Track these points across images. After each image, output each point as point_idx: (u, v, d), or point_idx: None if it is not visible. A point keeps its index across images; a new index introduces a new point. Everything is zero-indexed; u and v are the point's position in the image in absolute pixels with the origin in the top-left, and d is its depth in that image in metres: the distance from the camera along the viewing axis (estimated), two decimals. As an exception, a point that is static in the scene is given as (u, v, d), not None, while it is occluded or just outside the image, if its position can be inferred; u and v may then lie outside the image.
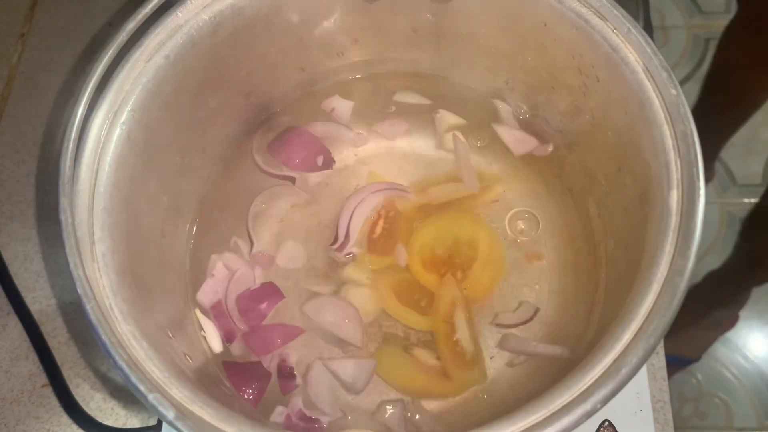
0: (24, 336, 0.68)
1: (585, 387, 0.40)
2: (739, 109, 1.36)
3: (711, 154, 1.53)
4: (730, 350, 1.47)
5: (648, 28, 0.84)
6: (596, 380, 0.40)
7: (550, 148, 0.63)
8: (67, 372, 0.67)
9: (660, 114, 0.47)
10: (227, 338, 0.58)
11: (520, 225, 0.64)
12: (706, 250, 1.53)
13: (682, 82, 1.66)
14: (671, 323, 0.41)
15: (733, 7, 1.68)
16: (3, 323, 0.69)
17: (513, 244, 0.63)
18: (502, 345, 0.59)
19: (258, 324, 0.60)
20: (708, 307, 1.41)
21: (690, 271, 0.42)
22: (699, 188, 0.44)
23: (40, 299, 0.70)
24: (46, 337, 0.68)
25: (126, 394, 0.65)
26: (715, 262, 1.48)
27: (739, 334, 1.48)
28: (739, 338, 1.48)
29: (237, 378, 0.55)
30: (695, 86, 1.62)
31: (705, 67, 1.66)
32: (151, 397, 0.40)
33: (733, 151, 1.55)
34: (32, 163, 0.76)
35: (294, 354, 0.59)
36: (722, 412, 1.41)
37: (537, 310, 0.60)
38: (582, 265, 0.60)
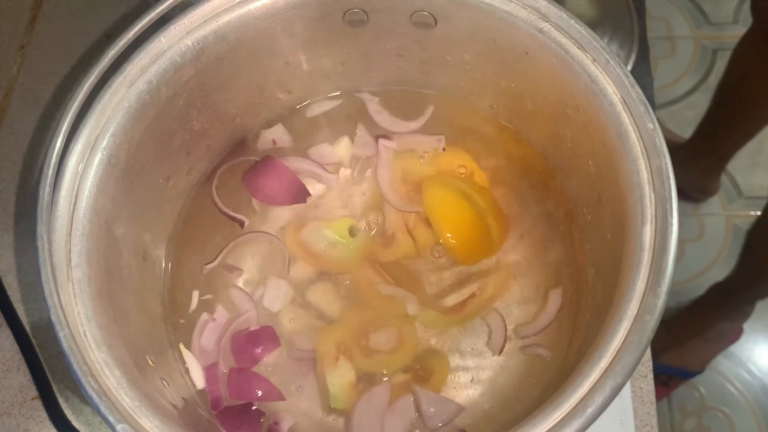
0: (16, 348, 0.69)
1: (551, 425, 0.40)
2: (749, 123, 1.35)
3: (718, 168, 1.52)
4: (733, 364, 1.46)
5: (643, 41, 0.83)
6: (562, 419, 0.40)
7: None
8: (57, 385, 0.67)
9: (636, 147, 0.47)
10: (214, 405, 0.56)
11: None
12: (711, 263, 1.53)
13: (689, 93, 1.65)
14: (639, 362, 0.41)
15: (742, 19, 1.67)
16: (-5, 335, 0.69)
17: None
18: (518, 333, 0.60)
19: (247, 368, 0.58)
20: (712, 320, 1.40)
21: (661, 309, 0.42)
22: (672, 225, 0.44)
23: (32, 311, 0.70)
24: (37, 349, 0.69)
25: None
26: (720, 274, 1.47)
27: (743, 347, 1.47)
28: (742, 352, 1.47)
29: (228, 423, 0.54)
30: (702, 97, 1.62)
31: (712, 78, 1.65)
32: (119, 427, 0.40)
33: (739, 163, 1.54)
34: (27, 174, 0.77)
35: (289, 418, 0.57)
36: (725, 426, 1.40)
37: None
38: (565, 290, 0.60)
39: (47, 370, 0.68)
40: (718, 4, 1.73)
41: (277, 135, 0.66)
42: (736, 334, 1.46)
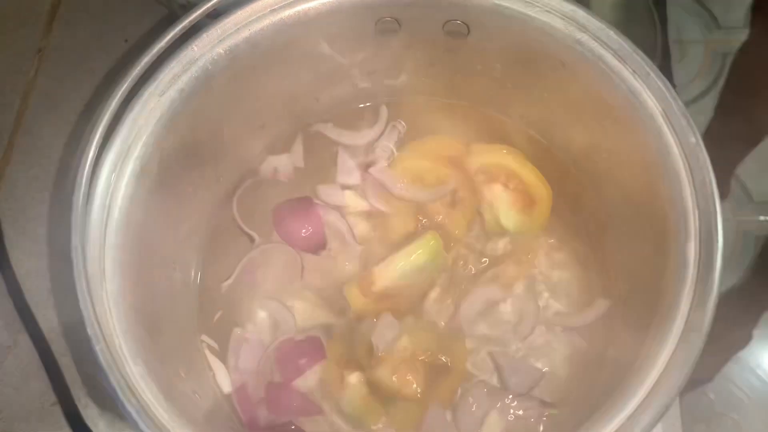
0: (34, 354, 0.68)
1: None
2: (752, 130, 1.35)
3: (726, 171, 1.51)
4: (742, 369, 1.45)
5: (665, 50, 0.83)
6: (609, 438, 0.40)
7: None
8: (76, 392, 0.67)
9: (678, 162, 0.46)
10: (250, 426, 0.55)
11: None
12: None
13: (699, 97, 1.63)
14: (686, 379, 0.41)
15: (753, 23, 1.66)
16: (14, 340, 0.69)
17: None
18: (549, 320, 0.60)
19: (291, 379, 0.57)
20: (722, 327, 1.39)
21: (708, 327, 0.41)
22: (717, 241, 0.43)
23: (51, 317, 0.70)
24: (56, 355, 0.68)
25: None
26: (729, 279, 1.46)
27: (752, 353, 1.45)
28: (751, 357, 1.46)
29: None
30: (712, 102, 1.61)
31: (722, 83, 1.64)
32: (158, 443, 0.40)
33: (749, 167, 1.53)
34: (46, 179, 0.76)
35: None
36: (734, 432, 1.40)
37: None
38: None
39: (66, 377, 0.67)
40: (729, 8, 1.72)
41: (281, 164, 0.65)
42: (745, 341, 1.45)
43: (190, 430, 0.42)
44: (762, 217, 1.54)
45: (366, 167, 0.65)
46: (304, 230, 0.62)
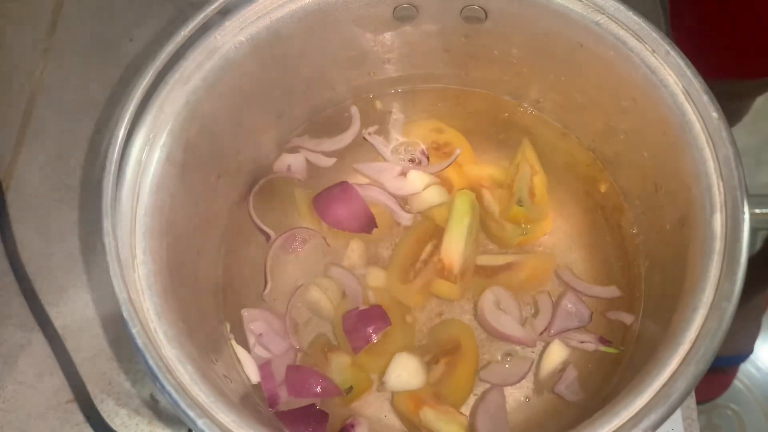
0: (49, 351, 0.68)
1: (634, 412, 0.40)
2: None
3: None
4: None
5: (669, 36, 0.84)
6: (646, 405, 0.40)
7: None
8: (92, 388, 0.67)
9: (701, 137, 0.47)
10: (271, 403, 0.56)
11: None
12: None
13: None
14: (719, 348, 0.41)
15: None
16: (28, 339, 0.69)
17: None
18: (558, 275, 0.60)
19: (360, 348, 0.57)
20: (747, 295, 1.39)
21: (737, 295, 0.42)
22: (743, 212, 0.44)
23: (64, 314, 0.70)
24: (70, 352, 0.68)
25: (150, 410, 0.65)
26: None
27: (750, 343, 1.47)
28: (749, 348, 1.47)
29: (293, 425, 0.54)
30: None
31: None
32: (200, 422, 0.40)
33: (743, 160, 1.55)
34: (55, 177, 0.76)
35: (365, 423, 0.57)
36: (735, 423, 1.41)
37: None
38: (615, 283, 0.60)
39: (81, 373, 0.67)
40: None
41: (295, 163, 0.65)
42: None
43: (229, 409, 0.42)
44: (757, 210, 1.56)
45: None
46: (348, 211, 0.61)
